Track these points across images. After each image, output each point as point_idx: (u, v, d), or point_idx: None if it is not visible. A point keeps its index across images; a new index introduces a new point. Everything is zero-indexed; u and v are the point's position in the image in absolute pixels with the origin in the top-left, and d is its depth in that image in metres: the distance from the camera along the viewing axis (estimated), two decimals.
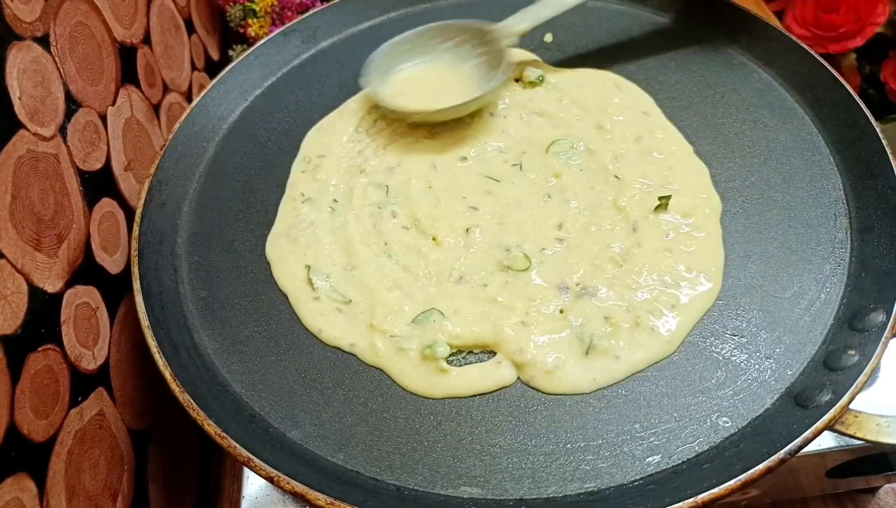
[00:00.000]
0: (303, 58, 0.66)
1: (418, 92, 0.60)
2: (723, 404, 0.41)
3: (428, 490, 0.40)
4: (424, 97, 0.59)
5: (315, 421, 0.43)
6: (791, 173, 0.52)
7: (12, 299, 0.39)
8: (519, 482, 0.39)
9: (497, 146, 0.56)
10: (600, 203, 0.51)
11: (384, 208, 0.53)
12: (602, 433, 0.41)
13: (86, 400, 0.45)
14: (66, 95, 0.49)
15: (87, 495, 0.44)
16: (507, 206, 0.52)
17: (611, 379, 0.43)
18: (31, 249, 0.42)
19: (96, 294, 0.49)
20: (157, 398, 0.54)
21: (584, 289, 0.46)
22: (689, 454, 0.39)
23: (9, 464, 0.37)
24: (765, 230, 0.49)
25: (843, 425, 0.39)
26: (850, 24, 0.65)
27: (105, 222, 0.52)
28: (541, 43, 0.64)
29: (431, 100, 0.58)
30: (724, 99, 0.57)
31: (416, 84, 0.61)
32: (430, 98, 0.59)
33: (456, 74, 0.61)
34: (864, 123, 0.51)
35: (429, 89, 0.60)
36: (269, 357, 0.46)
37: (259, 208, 0.55)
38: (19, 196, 0.41)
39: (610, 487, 0.39)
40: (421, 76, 0.62)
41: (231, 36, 0.83)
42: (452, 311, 0.46)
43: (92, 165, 0.51)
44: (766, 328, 0.44)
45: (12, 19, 0.44)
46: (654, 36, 0.63)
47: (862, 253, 0.46)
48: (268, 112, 0.62)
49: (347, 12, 0.68)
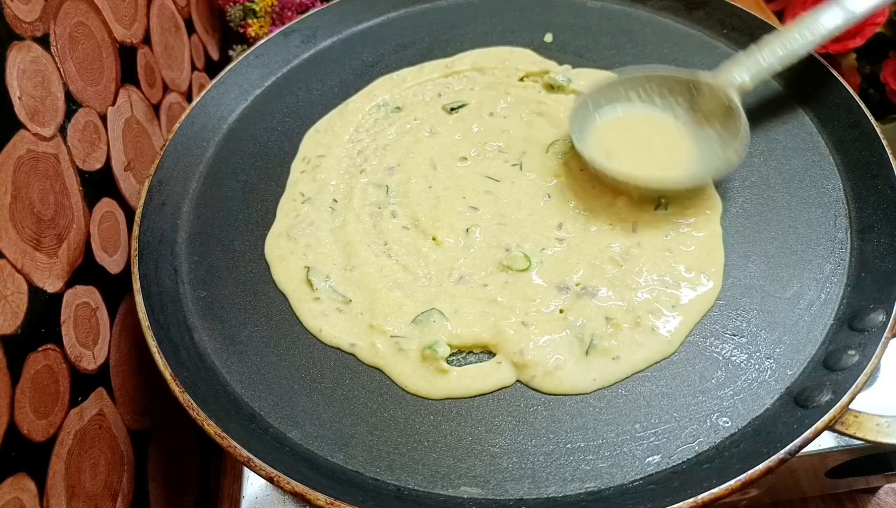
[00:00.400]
0: (303, 58, 0.66)
1: (630, 151, 0.52)
2: (723, 404, 0.41)
3: (428, 490, 0.40)
4: (639, 158, 0.51)
5: (315, 421, 0.43)
6: (791, 173, 0.52)
7: (12, 299, 0.39)
8: (519, 482, 0.39)
9: (497, 146, 0.56)
10: (600, 203, 0.51)
11: (384, 208, 0.53)
12: (602, 433, 0.41)
13: (86, 400, 0.45)
14: (66, 95, 0.49)
15: (87, 495, 0.44)
16: (507, 206, 0.52)
17: (611, 379, 0.43)
18: (31, 249, 0.42)
19: (96, 294, 0.49)
20: (157, 398, 0.54)
21: (584, 289, 0.46)
22: (689, 454, 0.39)
23: (9, 464, 0.37)
24: (765, 230, 0.49)
25: (843, 425, 0.39)
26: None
27: (105, 222, 0.52)
28: (541, 43, 0.64)
29: (648, 162, 0.51)
30: None
31: (624, 138, 0.53)
32: (647, 160, 0.51)
33: (670, 130, 0.53)
34: (864, 123, 0.51)
35: (644, 148, 0.52)
36: (269, 357, 0.46)
37: (259, 208, 0.55)
38: (19, 196, 0.41)
39: (610, 487, 0.39)
40: (629, 127, 0.54)
41: (231, 36, 0.83)
42: (452, 311, 0.46)
43: (92, 165, 0.51)
44: (766, 328, 0.44)
45: (12, 19, 0.44)
46: (654, 36, 0.63)
47: (862, 253, 0.46)
48: (268, 112, 0.62)
49: (347, 12, 0.68)
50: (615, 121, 0.54)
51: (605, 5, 0.67)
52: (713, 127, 0.52)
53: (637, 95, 0.55)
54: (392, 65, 0.64)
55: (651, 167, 0.51)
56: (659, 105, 0.55)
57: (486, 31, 0.66)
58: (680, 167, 0.51)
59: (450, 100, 0.60)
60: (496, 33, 0.65)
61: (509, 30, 0.66)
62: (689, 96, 0.54)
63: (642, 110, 0.55)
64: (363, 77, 0.64)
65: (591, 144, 0.53)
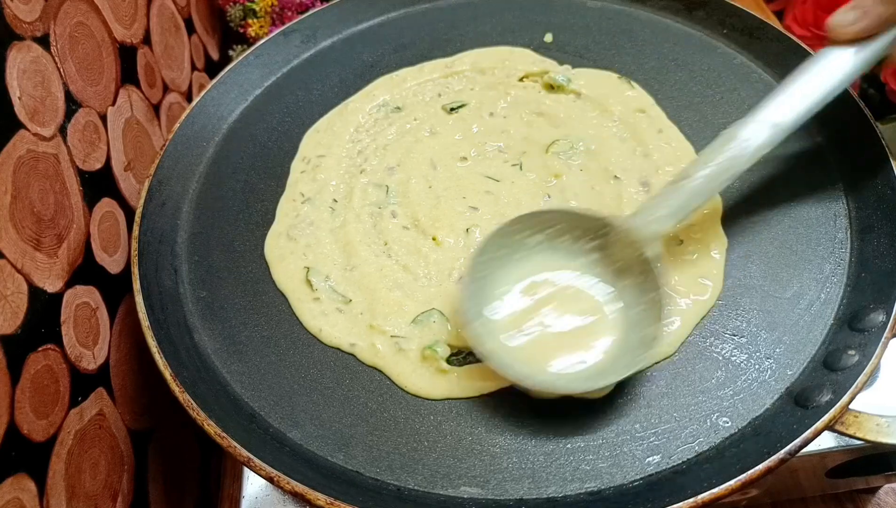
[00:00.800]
0: (303, 58, 0.66)
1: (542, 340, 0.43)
2: (723, 404, 0.41)
3: (428, 490, 0.40)
4: (550, 347, 0.42)
5: (315, 421, 0.43)
6: (791, 173, 0.52)
7: (12, 299, 0.39)
8: (519, 482, 0.39)
9: (497, 146, 0.56)
10: (600, 203, 0.51)
11: (384, 208, 0.53)
12: (602, 434, 0.41)
13: (86, 400, 0.45)
14: (66, 95, 0.49)
15: (87, 495, 0.44)
16: (507, 206, 0.52)
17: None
18: (31, 249, 0.42)
19: (96, 294, 0.49)
20: (157, 398, 0.54)
21: None
22: (689, 454, 0.39)
23: (9, 464, 0.37)
24: (765, 230, 0.49)
25: (843, 425, 0.39)
26: None
27: (105, 222, 0.52)
28: (541, 43, 0.64)
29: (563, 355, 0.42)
30: (724, 99, 0.57)
31: (537, 323, 0.43)
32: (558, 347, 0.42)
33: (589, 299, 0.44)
34: (864, 123, 0.51)
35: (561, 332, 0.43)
36: (269, 357, 0.46)
37: (259, 208, 0.55)
38: (19, 196, 0.41)
39: (610, 487, 0.39)
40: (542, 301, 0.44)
41: (231, 36, 0.83)
42: (453, 311, 0.46)
43: (92, 165, 0.51)
44: (766, 328, 0.44)
45: (12, 19, 0.44)
46: (654, 36, 0.63)
47: (862, 253, 0.46)
48: (268, 112, 0.62)
49: (347, 12, 0.68)
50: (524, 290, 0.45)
51: (605, 5, 0.67)
52: (629, 282, 0.44)
53: (544, 238, 0.46)
54: (392, 65, 0.64)
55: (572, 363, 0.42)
56: (566, 251, 0.45)
57: (486, 31, 0.66)
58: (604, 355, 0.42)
59: (450, 100, 0.60)
60: (496, 33, 0.65)
61: (509, 30, 0.66)
62: (600, 241, 0.45)
63: (552, 273, 0.45)
64: (363, 77, 0.64)
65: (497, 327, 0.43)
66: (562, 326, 0.43)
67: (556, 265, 0.45)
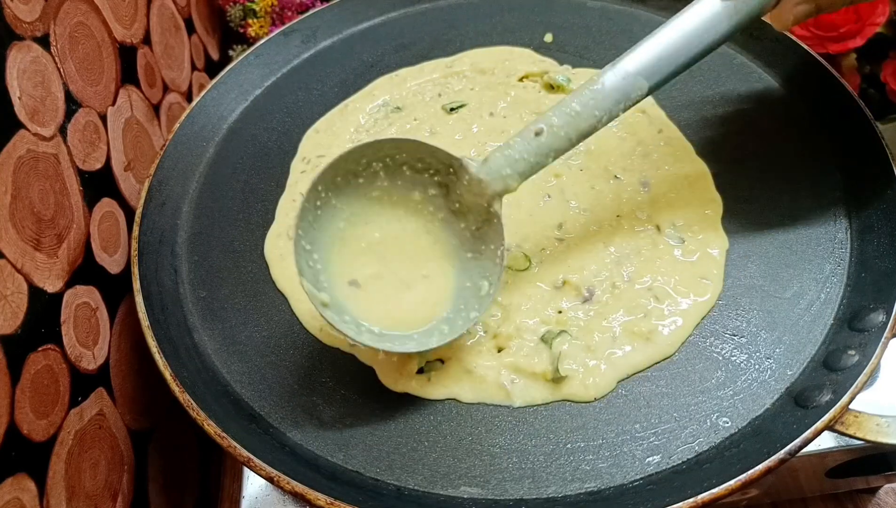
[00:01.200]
0: (303, 58, 0.66)
1: (382, 287, 0.41)
2: (723, 404, 0.41)
3: (428, 490, 0.40)
4: (391, 297, 0.41)
5: (315, 421, 0.43)
6: (791, 173, 0.52)
7: (12, 299, 0.39)
8: (519, 482, 0.39)
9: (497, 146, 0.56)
10: (600, 203, 0.51)
11: None
12: (602, 434, 0.41)
13: (86, 400, 0.45)
14: (66, 95, 0.49)
15: (87, 495, 0.44)
16: (507, 206, 0.51)
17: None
18: (31, 249, 0.42)
19: (96, 294, 0.49)
20: (157, 398, 0.54)
21: (585, 289, 0.46)
22: (689, 454, 0.39)
23: (9, 464, 0.37)
24: (765, 230, 0.49)
25: (843, 425, 0.39)
26: (850, 24, 0.65)
27: (105, 222, 0.52)
28: (541, 43, 0.64)
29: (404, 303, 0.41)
30: (724, 99, 0.57)
31: (374, 257, 0.42)
32: (400, 294, 0.42)
33: (423, 243, 0.42)
34: (864, 123, 0.51)
35: (395, 279, 0.41)
36: (269, 357, 0.46)
37: (259, 208, 0.55)
38: (19, 196, 0.41)
39: (610, 487, 0.39)
40: (380, 240, 0.42)
41: (231, 36, 0.83)
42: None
43: (92, 165, 0.51)
44: (766, 328, 0.44)
45: (12, 19, 0.44)
46: None
47: (862, 253, 0.46)
48: (268, 112, 0.62)
49: (347, 12, 0.68)
50: (358, 228, 0.42)
51: (605, 5, 0.67)
52: (467, 225, 0.43)
53: (382, 168, 0.43)
54: (392, 65, 0.64)
55: (408, 312, 0.41)
56: (407, 183, 0.43)
57: (486, 31, 0.66)
58: (439, 305, 0.41)
59: (450, 100, 0.60)
60: (496, 33, 0.65)
61: (509, 30, 0.66)
62: (444, 179, 0.43)
63: (392, 208, 0.43)
64: (363, 77, 0.64)
65: (334, 272, 0.41)
66: (395, 270, 0.41)
67: (393, 201, 0.43)
